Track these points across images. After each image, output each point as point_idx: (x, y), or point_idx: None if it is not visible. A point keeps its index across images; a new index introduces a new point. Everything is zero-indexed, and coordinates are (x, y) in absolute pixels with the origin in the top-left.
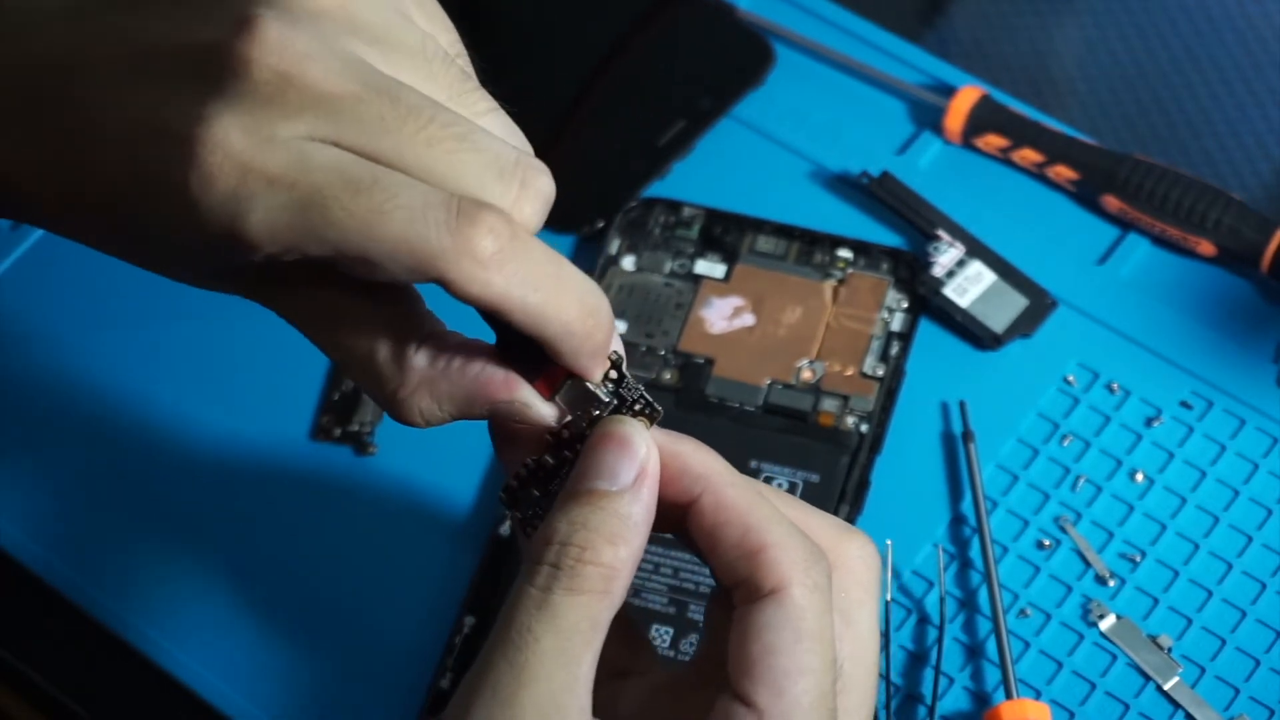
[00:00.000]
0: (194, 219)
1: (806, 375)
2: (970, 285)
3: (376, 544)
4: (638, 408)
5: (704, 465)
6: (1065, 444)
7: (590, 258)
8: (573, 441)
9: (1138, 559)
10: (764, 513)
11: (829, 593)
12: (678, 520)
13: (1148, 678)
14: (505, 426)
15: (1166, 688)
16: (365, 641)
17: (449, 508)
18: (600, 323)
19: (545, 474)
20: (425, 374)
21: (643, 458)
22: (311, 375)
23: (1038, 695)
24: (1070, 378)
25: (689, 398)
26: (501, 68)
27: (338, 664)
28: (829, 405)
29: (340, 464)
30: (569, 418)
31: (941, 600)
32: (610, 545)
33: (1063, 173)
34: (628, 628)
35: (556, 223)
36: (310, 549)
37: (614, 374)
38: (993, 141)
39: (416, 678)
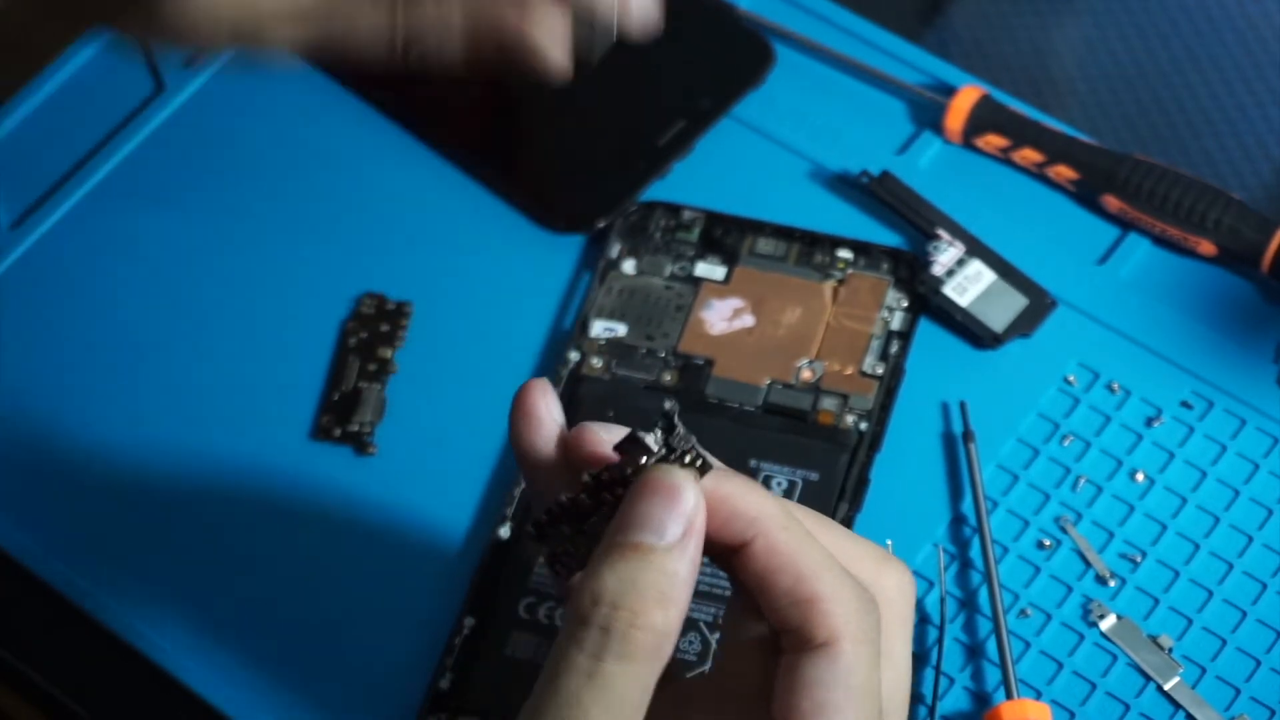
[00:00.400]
0: None
1: (806, 375)
2: (970, 285)
3: (376, 544)
4: (687, 459)
5: (756, 508)
6: (1065, 444)
7: (591, 260)
8: (613, 485)
9: (1138, 559)
10: (815, 558)
11: (878, 641)
12: (725, 560)
13: (1148, 678)
14: (526, 413)
15: (1167, 688)
16: (365, 641)
17: (449, 508)
18: None
19: (580, 512)
20: None
21: (690, 512)
22: (311, 375)
23: (1038, 695)
24: (1070, 378)
25: (689, 398)
26: None
27: (337, 663)
28: (828, 404)
29: (340, 464)
30: (610, 462)
31: (942, 600)
32: (660, 608)
33: (1063, 172)
34: None
35: (558, 223)
36: (310, 549)
37: (664, 423)
38: (993, 141)
39: (416, 678)
